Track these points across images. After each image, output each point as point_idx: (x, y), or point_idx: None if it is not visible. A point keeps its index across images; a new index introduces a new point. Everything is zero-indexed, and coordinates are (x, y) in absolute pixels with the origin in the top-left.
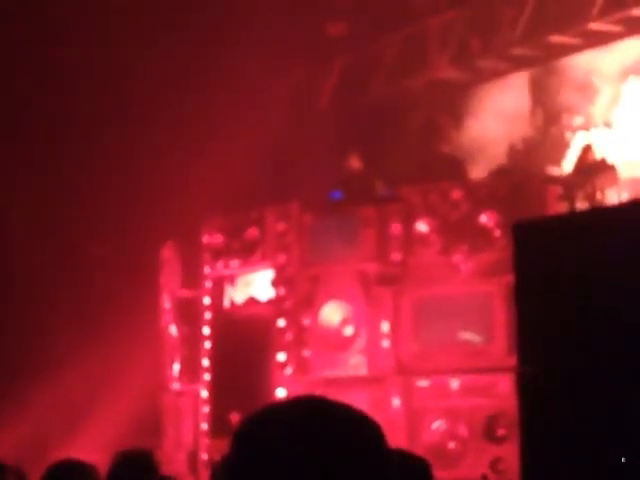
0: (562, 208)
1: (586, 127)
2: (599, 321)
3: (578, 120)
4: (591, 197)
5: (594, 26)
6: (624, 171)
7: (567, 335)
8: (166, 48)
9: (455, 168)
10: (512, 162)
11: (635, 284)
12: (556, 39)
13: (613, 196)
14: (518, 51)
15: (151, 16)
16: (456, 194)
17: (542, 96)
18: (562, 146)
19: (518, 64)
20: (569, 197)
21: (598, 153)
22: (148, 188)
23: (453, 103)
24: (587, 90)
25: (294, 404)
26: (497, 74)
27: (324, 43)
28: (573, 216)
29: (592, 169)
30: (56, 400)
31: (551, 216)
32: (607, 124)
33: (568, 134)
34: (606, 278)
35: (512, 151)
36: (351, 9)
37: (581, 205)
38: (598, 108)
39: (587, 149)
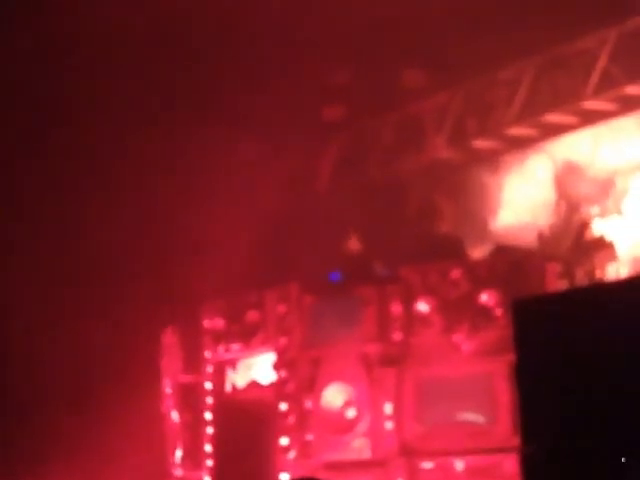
0: (562, 285)
1: (602, 215)
2: (602, 399)
3: (595, 209)
4: (590, 274)
5: (588, 105)
6: (630, 251)
7: (569, 414)
8: (163, 128)
9: (454, 248)
10: (513, 242)
11: (637, 361)
12: (551, 118)
13: (612, 273)
14: (514, 131)
15: (150, 96)
16: (455, 273)
17: (564, 189)
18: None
19: (514, 144)
20: (568, 274)
21: (596, 231)
22: (147, 273)
23: (451, 183)
24: (602, 184)
25: None
26: (494, 154)
27: (321, 125)
28: (573, 292)
29: (590, 246)
30: None
31: (551, 293)
32: (618, 212)
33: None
34: (608, 355)
35: (541, 237)
36: (347, 91)
37: (581, 282)
38: (612, 199)
39: (585, 226)
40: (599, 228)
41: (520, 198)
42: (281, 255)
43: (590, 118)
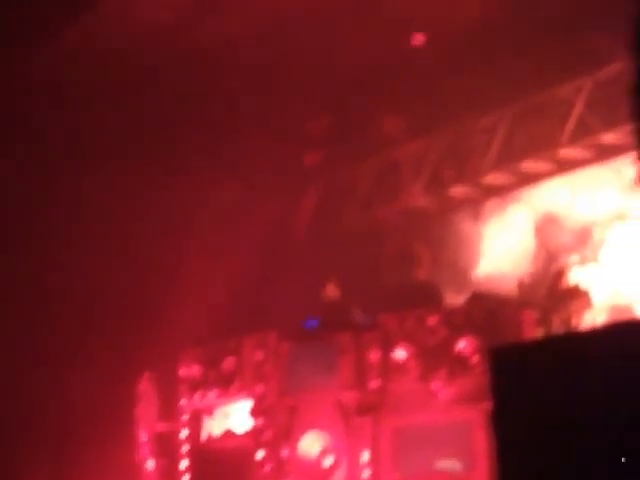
0: (538, 333)
1: (580, 264)
2: (580, 448)
3: (574, 258)
4: (567, 322)
5: (565, 153)
6: (607, 300)
7: (546, 465)
8: (143, 176)
9: (432, 295)
10: (490, 289)
11: (614, 407)
12: (528, 166)
13: (588, 321)
14: (491, 179)
15: (131, 141)
16: (432, 320)
17: (544, 239)
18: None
19: (491, 192)
20: (545, 322)
21: (572, 279)
22: (124, 320)
23: (429, 230)
24: (581, 234)
25: None
26: (471, 202)
27: (300, 171)
28: (550, 341)
29: (566, 294)
30: None
31: (527, 341)
32: (596, 261)
33: (568, 271)
34: (585, 402)
35: (521, 286)
36: (326, 138)
37: (557, 330)
38: (590, 248)
39: (560, 275)
40: (577, 277)
41: (500, 247)
42: (259, 302)
43: (566, 166)
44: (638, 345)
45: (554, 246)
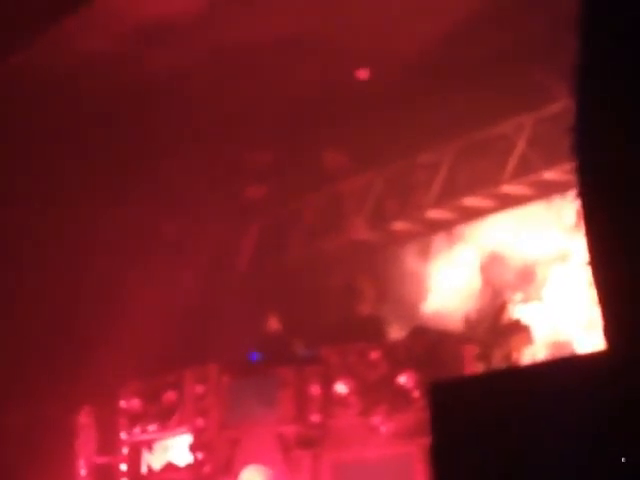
0: (479, 368)
1: (524, 301)
2: None
3: (518, 296)
4: (507, 357)
5: (506, 189)
6: (550, 336)
7: None
8: (81, 208)
9: (375, 329)
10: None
11: (553, 444)
12: (469, 202)
13: (529, 356)
14: (432, 214)
15: (74, 175)
16: (374, 355)
17: (489, 277)
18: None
19: (434, 227)
20: (485, 356)
21: (512, 314)
22: (62, 352)
23: (371, 264)
24: (524, 273)
25: None
26: (416, 237)
27: (243, 205)
28: (489, 376)
29: (507, 329)
30: None
31: (467, 376)
32: (539, 299)
33: (510, 307)
34: (524, 438)
35: (467, 322)
36: (269, 171)
37: (498, 365)
38: (533, 287)
39: (501, 309)
40: (520, 314)
41: (447, 284)
42: (200, 335)
43: (508, 202)
44: (577, 381)
45: (499, 284)
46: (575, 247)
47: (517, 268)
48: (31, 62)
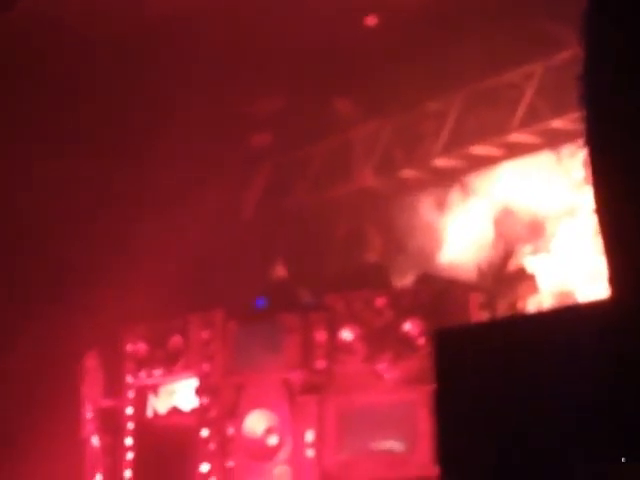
0: (484, 316)
1: (533, 253)
2: (521, 432)
3: (528, 248)
4: (512, 305)
5: (514, 137)
6: (556, 286)
7: (487, 447)
8: (84, 160)
9: (380, 276)
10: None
11: (557, 391)
12: (477, 150)
13: (535, 305)
14: (440, 162)
15: (82, 125)
16: (380, 302)
17: (502, 230)
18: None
19: (441, 175)
20: (491, 305)
21: (517, 263)
22: (70, 296)
23: (378, 212)
24: (534, 226)
25: None
26: (420, 185)
27: (249, 152)
28: (494, 323)
29: (512, 278)
30: None
31: (472, 324)
32: (547, 251)
33: (516, 256)
34: (528, 385)
35: (480, 272)
36: (276, 119)
37: (502, 313)
38: (542, 239)
39: (507, 258)
40: (528, 264)
41: (460, 235)
42: (206, 281)
43: (516, 151)
44: (582, 329)
45: (511, 236)
46: (583, 202)
47: (528, 221)
48: (31, 9)
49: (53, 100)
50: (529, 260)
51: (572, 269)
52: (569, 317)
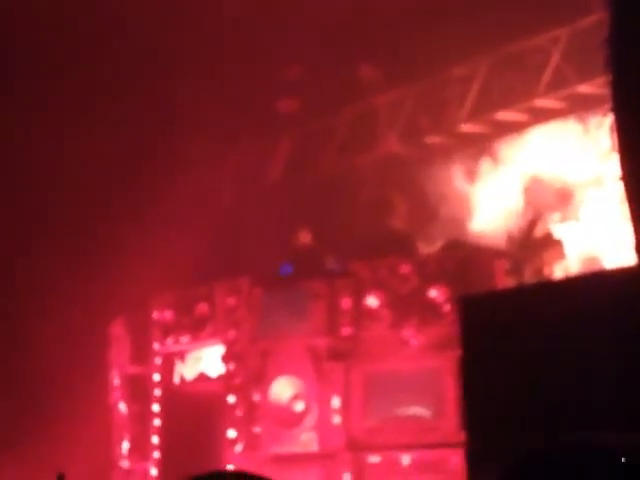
0: (510, 282)
1: (562, 221)
2: (546, 397)
3: (556, 216)
4: (539, 271)
5: (540, 103)
6: (584, 253)
7: (514, 411)
8: (113, 126)
9: (405, 243)
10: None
11: (583, 357)
12: (503, 116)
13: (561, 271)
14: (466, 128)
15: (101, 95)
16: (405, 269)
17: (531, 198)
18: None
19: (466, 141)
20: (517, 271)
21: (544, 228)
22: (97, 264)
23: (403, 178)
24: (563, 195)
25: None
26: (446, 151)
27: (275, 119)
28: (519, 290)
29: (539, 244)
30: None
31: (498, 290)
32: (576, 219)
33: (543, 222)
34: (554, 352)
35: (510, 239)
36: (302, 86)
37: (529, 279)
38: (570, 207)
39: (533, 224)
40: (558, 231)
41: (491, 204)
42: (232, 248)
43: (541, 116)
44: (608, 295)
45: (540, 204)
46: (610, 171)
47: (556, 190)
48: None
49: (84, 62)
50: (557, 227)
51: (599, 236)
52: (595, 283)
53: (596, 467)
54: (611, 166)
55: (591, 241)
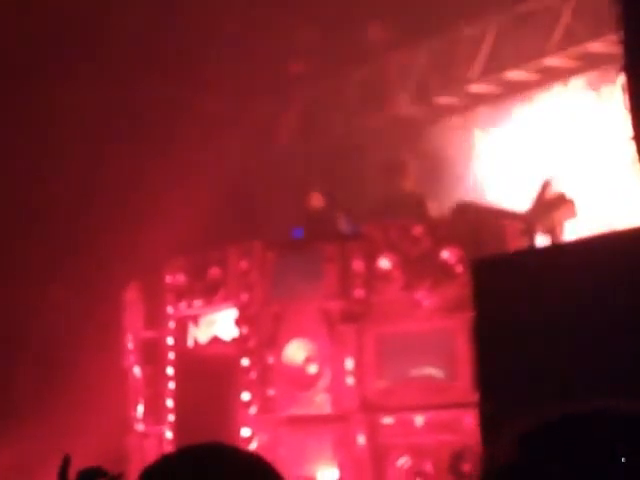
0: (522, 243)
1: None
2: (558, 357)
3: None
4: (550, 231)
5: (550, 62)
6: (596, 215)
7: (526, 372)
8: (123, 87)
9: (417, 205)
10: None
11: (594, 317)
12: (513, 75)
13: (571, 231)
14: (476, 88)
15: (116, 55)
16: (417, 230)
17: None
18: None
19: (477, 100)
20: (529, 232)
21: (556, 188)
22: (109, 229)
23: (414, 140)
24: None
25: (186, 455)
26: (456, 110)
27: (284, 81)
28: (531, 252)
29: (551, 203)
30: (19, 449)
31: (509, 252)
32: (588, 179)
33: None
34: (566, 313)
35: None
36: (311, 47)
37: (541, 240)
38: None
39: (546, 185)
40: (570, 191)
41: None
42: (243, 212)
43: (552, 76)
44: (619, 255)
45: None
46: (622, 138)
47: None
48: None
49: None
50: (569, 187)
51: (611, 197)
52: (608, 244)
53: (617, 434)
54: (623, 134)
55: (603, 202)
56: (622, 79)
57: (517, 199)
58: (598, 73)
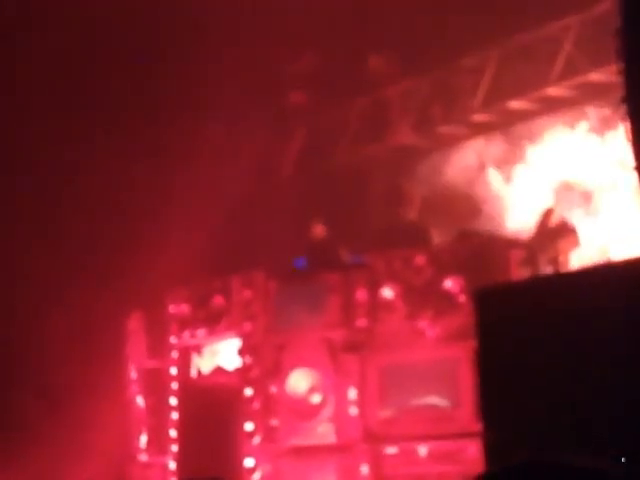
0: (525, 272)
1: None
2: (563, 386)
3: (578, 211)
4: (554, 260)
5: (551, 91)
6: (600, 245)
7: (529, 401)
8: (128, 119)
9: (419, 235)
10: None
11: (597, 347)
12: (515, 105)
13: (576, 260)
14: (478, 117)
15: (118, 80)
16: (419, 260)
17: (559, 199)
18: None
19: (478, 130)
20: (532, 261)
21: (558, 216)
22: (113, 259)
23: (416, 169)
24: (586, 196)
25: None
26: (458, 140)
27: (288, 111)
28: (534, 281)
29: (553, 232)
30: (23, 475)
31: (512, 281)
32: (595, 215)
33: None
34: (569, 342)
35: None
36: (314, 76)
37: (544, 269)
38: (592, 205)
39: (548, 213)
40: (574, 221)
41: (525, 204)
42: (246, 241)
43: (554, 105)
44: (623, 285)
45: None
46: (626, 177)
47: (581, 192)
48: None
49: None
50: (576, 220)
51: (613, 230)
52: (609, 274)
53: None
54: (626, 173)
55: (609, 236)
56: (623, 111)
57: (521, 227)
58: (602, 118)
